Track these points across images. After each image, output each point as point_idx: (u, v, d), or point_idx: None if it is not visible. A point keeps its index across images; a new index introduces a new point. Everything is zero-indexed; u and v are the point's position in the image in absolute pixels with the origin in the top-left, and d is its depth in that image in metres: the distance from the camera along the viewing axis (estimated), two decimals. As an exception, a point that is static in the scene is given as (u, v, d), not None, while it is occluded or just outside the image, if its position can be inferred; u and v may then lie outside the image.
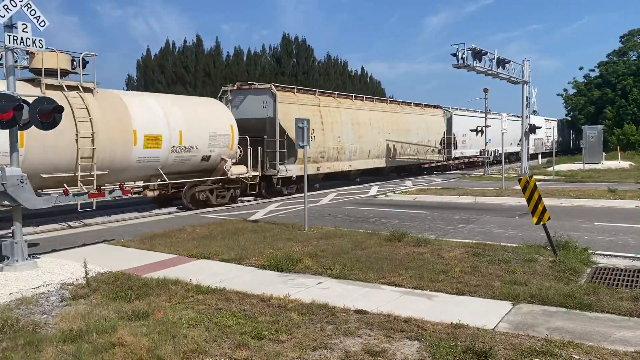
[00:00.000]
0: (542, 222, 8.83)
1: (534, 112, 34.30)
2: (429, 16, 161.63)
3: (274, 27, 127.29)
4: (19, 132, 8.78)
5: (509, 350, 5.12)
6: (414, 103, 30.47)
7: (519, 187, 9.37)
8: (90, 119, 12.84)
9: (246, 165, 18.07)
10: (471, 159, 37.91)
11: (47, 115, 8.54)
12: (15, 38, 8.23)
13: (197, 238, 11.06)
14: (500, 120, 35.31)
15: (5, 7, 8.07)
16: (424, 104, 31.85)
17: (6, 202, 8.59)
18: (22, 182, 8.42)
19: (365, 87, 58.62)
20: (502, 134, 25.70)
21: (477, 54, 25.05)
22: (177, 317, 6.13)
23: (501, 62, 27.22)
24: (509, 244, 9.98)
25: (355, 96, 25.31)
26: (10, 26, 8.23)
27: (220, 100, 20.04)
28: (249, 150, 18.07)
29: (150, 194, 15.76)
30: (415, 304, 6.68)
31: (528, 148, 31.68)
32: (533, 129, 31.20)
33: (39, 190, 10.33)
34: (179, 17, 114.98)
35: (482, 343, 5.21)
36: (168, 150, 15.14)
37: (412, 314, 6.20)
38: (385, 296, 7.04)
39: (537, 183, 9.21)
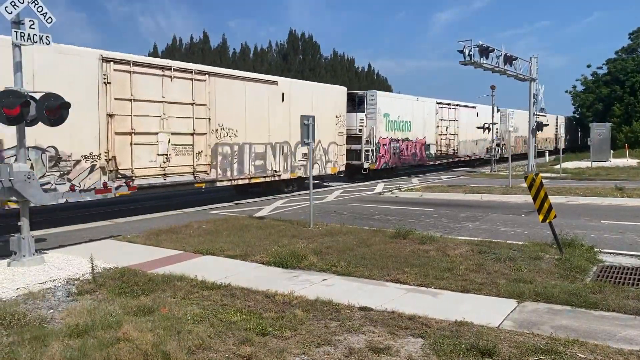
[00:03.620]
0: (548, 220, 8.79)
1: (542, 110, 33.69)
2: (436, 12, 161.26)
3: (281, 24, 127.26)
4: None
5: (513, 348, 5.11)
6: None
7: (525, 184, 9.33)
8: None
9: None
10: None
11: (54, 111, 8.59)
12: (22, 34, 8.27)
13: (203, 234, 11.10)
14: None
15: (13, 3, 8.11)
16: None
17: (14, 198, 8.64)
18: (29, 178, 8.47)
19: (372, 84, 58.56)
20: (509, 130, 25.60)
21: (484, 51, 24.88)
22: (182, 312, 6.16)
23: (508, 59, 27.04)
24: (514, 242, 9.95)
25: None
26: (17, 22, 8.27)
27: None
28: None
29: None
30: (420, 302, 6.68)
31: (536, 146, 31.49)
32: (540, 126, 31.04)
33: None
34: (186, 14, 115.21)
35: (486, 341, 5.21)
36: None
37: (416, 311, 6.20)
38: (390, 293, 7.04)
39: (543, 181, 9.17)
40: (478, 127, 35.16)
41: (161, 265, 8.54)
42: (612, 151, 35.82)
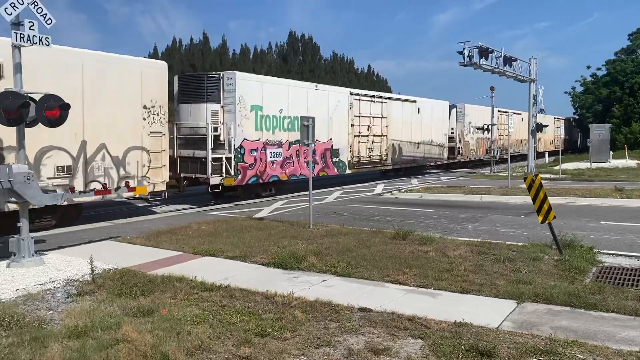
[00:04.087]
0: (547, 221, 8.80)
1: (541, 111, 33.42)
2: (436, 14, 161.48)
3: (281, 24, 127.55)
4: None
5: (513, 349, 5.11)
6: None
7: (524, 185, 9.34)
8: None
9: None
10: None
11: (54, 112, 8.58)
12: (22, 36, 8.27)
13: (203, 235, 11.09)
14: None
15: (13, 5, 8.12)
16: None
17: (13, 199, 8.64)
18: (28, 179, 8.47)
19: (372, 85, 58.62)
20: (508, 132, 25.63)
21: (484, 52, 24.93)
22: (182, 313, 6.16)
23: (508, 60, 27.09)
24: (514, 243, 9.95)
25: None
26: (17, 24, 8.27)
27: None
28: None
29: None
30: (419, 303, 6.67)
31: (535, 147, 31.51)
32: (540, 127, 31.07)
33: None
34: (186, 14, 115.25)
35: (486, 342, 5.21)
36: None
37: (415, 312, 6.20)
38: (390, 294, 7.04)
39: (543, 182, 9.18)
40: (478, 129, 35.05)
41: (161, 267, 8.53)
42: (611, 152, 35.86)
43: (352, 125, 23.16)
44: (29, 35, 8.33)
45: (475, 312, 6.22)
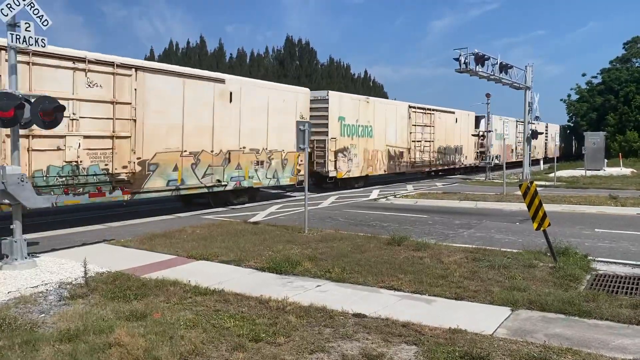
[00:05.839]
0: (542, 228, 8.81)
1: (537, 118, 33.54)
2: (433, 20, 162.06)
3: (278, 29, 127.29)
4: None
5: (507, 356, 5.10)
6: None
7: (519, 192, 9.36)
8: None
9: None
10: None
11: (49, 114, 8.55)
12: (18, 37, 8.25)
13: (197, 239, 11.05)
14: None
15: (9, 6, 8.09)
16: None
17: (6, 201, 8.58)
18: (22, 181, 8.42)
19: (368, 91, 58.71)
20: (504, 139, 25.71)
21: (480, 59, 25.05)
22: (175, 318, 6.12)
23: (504, 68, 27.22)
24: (508, 250, 9.95)
25: None
26: (13, 25, 8.24)
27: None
28: None
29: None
30: (414, 309, 6.66)
31: (530, 154, 31.60)
32: (535, 134, 31.19)
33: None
34: (183, 18, 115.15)
35: (480, 349, 5.20)
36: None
37: (410, 318, 6.18)
38: (384, 300, 7.02)
39: (538, 189, 9.20)
40: (473, 135, 35.11)
41: (154, 270, 8.49)
42: (606, 160, 36.03)
43: None
44: (25, 37, 8.30)
45: (469, 318, 6.21)
